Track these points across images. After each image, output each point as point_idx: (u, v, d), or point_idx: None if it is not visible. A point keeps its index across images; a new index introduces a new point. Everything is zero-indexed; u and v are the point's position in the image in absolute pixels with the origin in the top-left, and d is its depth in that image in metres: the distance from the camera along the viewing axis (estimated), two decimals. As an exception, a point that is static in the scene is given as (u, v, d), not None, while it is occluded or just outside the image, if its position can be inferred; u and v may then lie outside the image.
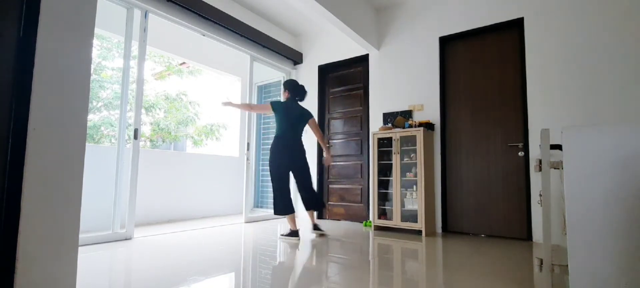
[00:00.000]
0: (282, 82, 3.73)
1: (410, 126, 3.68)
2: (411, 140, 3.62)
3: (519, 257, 2.55)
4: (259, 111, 3.73)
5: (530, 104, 3.28)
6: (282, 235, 3.26)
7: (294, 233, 3.18)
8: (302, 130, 3.38)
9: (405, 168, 3.68)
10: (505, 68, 3.52)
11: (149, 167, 4.21)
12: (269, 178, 3.43)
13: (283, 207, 3.20)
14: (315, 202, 3.44)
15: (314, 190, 3.46)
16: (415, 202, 3.56)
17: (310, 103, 4.94)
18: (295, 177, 3.36)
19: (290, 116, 3.29)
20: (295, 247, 2.89)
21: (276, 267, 2.28)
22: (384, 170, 3.84)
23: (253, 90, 4.64)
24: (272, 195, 3.38)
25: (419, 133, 3.50)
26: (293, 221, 3.22)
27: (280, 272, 2.16)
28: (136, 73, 3.23)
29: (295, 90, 3.42)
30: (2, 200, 1.17)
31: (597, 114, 2.96)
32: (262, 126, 5.60)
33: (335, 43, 4.77)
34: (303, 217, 4.37)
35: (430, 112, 3.86)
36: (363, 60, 4.55)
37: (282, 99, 3.48)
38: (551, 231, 1.56)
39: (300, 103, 3.46)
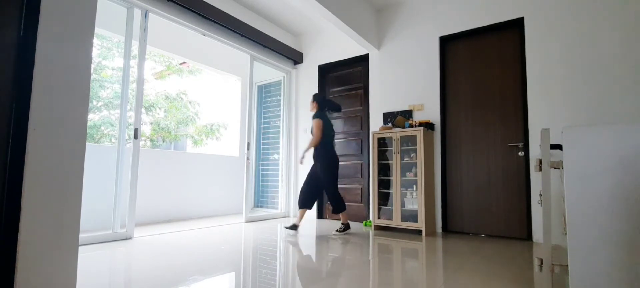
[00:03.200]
0: (312, 95, 3.83)
1: (411, 126, 3.68)
2: (411, 140, 3.62)
3: (519, 257, 2.55)
4: (319, 133, 3.55)
5: (530, 103, 3.28)
6: (337, 230, 3.56)
7: (348, 226, 3.60)
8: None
9: (405, 168, 3.68)
10: (506, 68, 3.52)
11: (149, 166, 4.21)
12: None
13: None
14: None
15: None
16: (415, 201, 3.56)
17: (311, 103, 4.95)
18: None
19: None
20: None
21: (276, 267, 2.28)
22: (384, 170, 3.84)
23: (253, 90, 4.64)
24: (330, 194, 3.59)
25: (419, 133, 3.50)
26: (346, 215, 3.61)
27: (280, 272, 2.16)
28: (136, 72, 3.23)
29: (324, 102, 3.79)
30: (2, 200, 1.17)
31: (597, 113, 2.95)
32: (262, 126, 5.60)
33: (336, 43, 4.77)
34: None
35: (430, 111, 3.86)
36: (363, 60, 4.55)
37: (312, 110, 3.75)
38: (551, 231, 1.56)
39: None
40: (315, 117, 3.60)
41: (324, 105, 3.75)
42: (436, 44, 3.89)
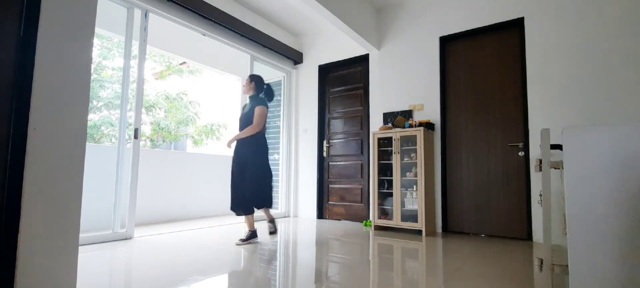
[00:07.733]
0: (249, 76, 3.36)
1: (411, 126, 3.68)
2: (411, 140, 3.62)
3: (519, 257, 2.55)
4: (262, 122, 3.15)
5: (530, 103, 3.27)
6: (241, 240, 2.99)
7: (255, 234, 3.06)
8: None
9: (405, 168, 3.68)
10: (506, 68, 3.51)
11: (150, 166, 4.21)
12: (266, 176, 3.24)
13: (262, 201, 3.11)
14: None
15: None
16: (416, 201, 3.56)
17: (310, 103, 4.94)
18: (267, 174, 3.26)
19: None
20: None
21: (276, 267, 2.28)
22: (384, 170, 3.84)
23: (253, 90, 4.64)
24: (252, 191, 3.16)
25: (419, 133, 3.50)
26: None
27: (280, 272, 2.16)
28: (136, 72, 3.23)
29: (260, 84, 3.25)
30: (2, 200, 1.17)
31: (597, 114, 2.95)
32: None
33: (336, 43, 4.77)
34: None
35: (431, 111, 3.86)
36: (363, 60, 4.55)
37: (250, 93, 3.23)
38: (551, 231, 1.56)
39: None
40: (259, 103, 3.10)
41: (261, 89, 3.23)
42: (436, 44, 3.89)
